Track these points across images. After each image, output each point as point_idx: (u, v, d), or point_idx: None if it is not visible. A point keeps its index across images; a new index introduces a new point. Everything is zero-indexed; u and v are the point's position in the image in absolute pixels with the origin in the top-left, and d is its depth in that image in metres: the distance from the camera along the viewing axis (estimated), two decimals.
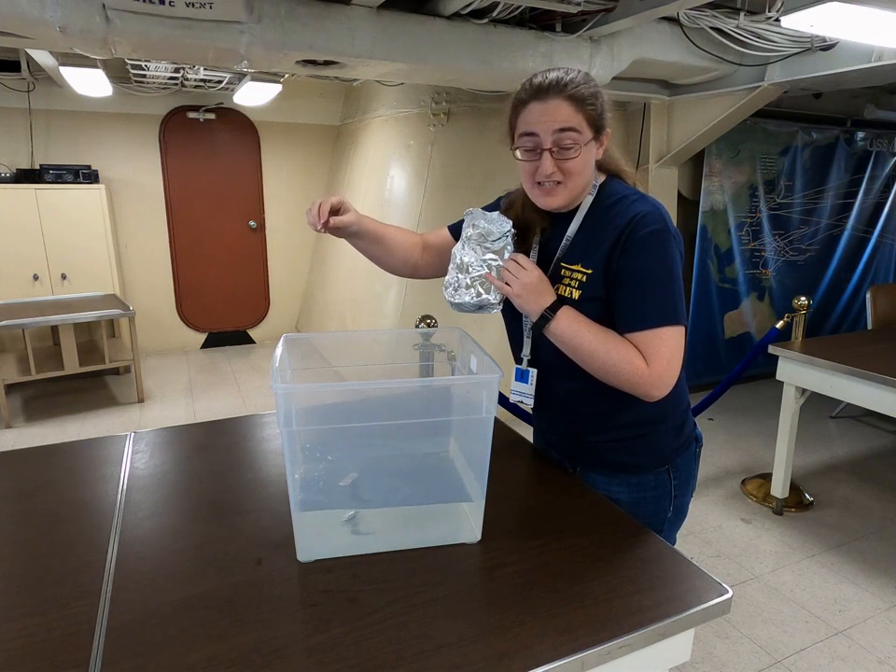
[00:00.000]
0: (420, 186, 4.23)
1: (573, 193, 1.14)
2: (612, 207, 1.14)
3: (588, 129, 1.09)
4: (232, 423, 1.57)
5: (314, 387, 0.99)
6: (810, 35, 2.74)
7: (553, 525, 1.09)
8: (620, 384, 1.09)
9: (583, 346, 1.08)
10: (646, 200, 1.13)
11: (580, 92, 1.07)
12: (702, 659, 1.99)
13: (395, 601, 0.90)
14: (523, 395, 1.26)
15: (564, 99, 1.07)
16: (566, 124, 1.07)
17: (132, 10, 2.09)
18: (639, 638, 0.84)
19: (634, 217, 1.08)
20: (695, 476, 1.31)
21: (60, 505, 1.17)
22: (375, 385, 1.04)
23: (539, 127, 1.08)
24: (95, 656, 0.80)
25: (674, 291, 1.08)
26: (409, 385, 1.12)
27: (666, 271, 1.07)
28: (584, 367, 1.11)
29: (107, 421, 3.96)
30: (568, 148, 1.08)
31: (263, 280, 5.81)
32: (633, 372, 1.06)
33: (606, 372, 1.08)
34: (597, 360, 1.08)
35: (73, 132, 4.82)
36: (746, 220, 4.42)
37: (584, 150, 1.09)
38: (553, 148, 1.08)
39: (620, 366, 1.06)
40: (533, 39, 2.74)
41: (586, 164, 1.11)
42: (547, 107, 1.07)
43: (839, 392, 2.54)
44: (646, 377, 1.06)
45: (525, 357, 1.25)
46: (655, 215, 1.08)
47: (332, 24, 2.42)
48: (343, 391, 1.01)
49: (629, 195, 1.14)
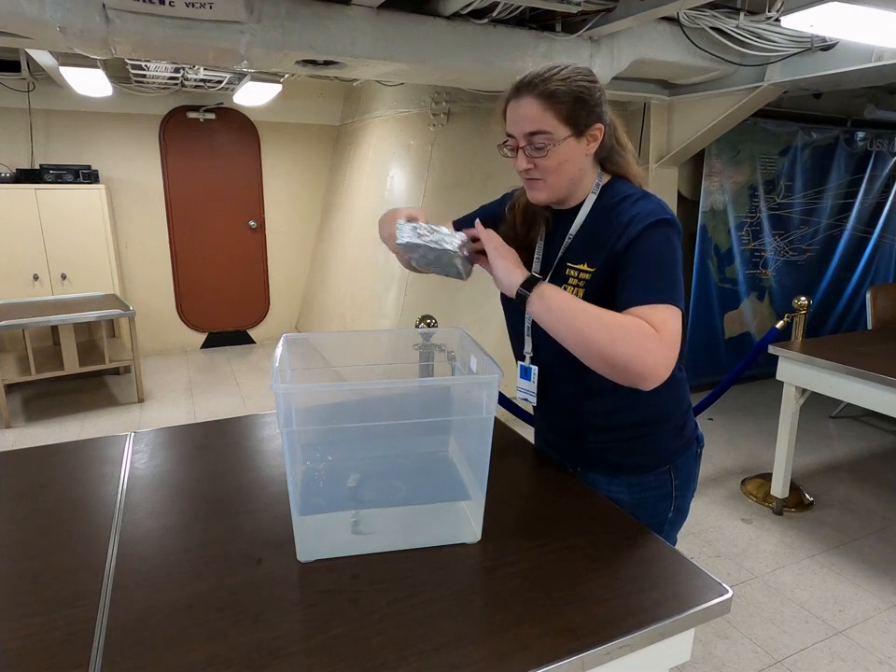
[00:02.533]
0: (420, 186, 4.23)
1: (556, 189, 1.14)
2: (616, 206, 1.12)
3: (562, 126, 1.07)
4: (232, 423, 1.57)
5: (314, 387, 0.99)
6: (810, 35, 2.74)
7: (554, 526, 1.09)
8: (627, 353, 0.96)
9: (586, 311, 1.00)
10: (650, 198, 1.12)
11: (549, 89, 1.06)
12: (702, 659, 1.99)
13: (395, 601, 0.89)
14: (527, 392, 1.25)
15: (534, 97, 1.07)
16: (533, 127, 1.07)
17: (132, 10, 2.09)
18: (639, 638, 0.84)
19: (638, 214, 1.07)
20: (696, 477, 1.31)
21: (60, 505, 1.17)
22: (375, 385, 1.04)
23: (513, 129, 1.11)
24: (95, 656, 0.80)
25: (675, 276, 1.05)
26: (409, 385, 1.12)
27: (669, 255, 1.05)
28: (583, 340, 0.99)
29: (107, 421, 3.96)
30: (539, 148, 1.09)
31: (263, 280, 5.81)
32: (644, 335, 0.96)
33: (612, 338, 0.96)
34: (601, 324, 0.98)
35: (73, 132, 4.82)
36: (746, 220, 4.42)
37: (559, 149, 1.08)
38: (525, 147, 1.10)
39: (629, 327, 0.97)
40: (533, 39, 2.74)
41: (563, 162, 1.10)
42: (518, 107, 1.09)
43: (839, 392, 2.54)
44: (657, 340, 0.96)
45: (528, 354, 1.24)
46: (658, 211, 1.08)
47: (332, 24, 2.42)
48: (342, 391, 1.01)
49: (633, 194, 1.13)
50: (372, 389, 1.04)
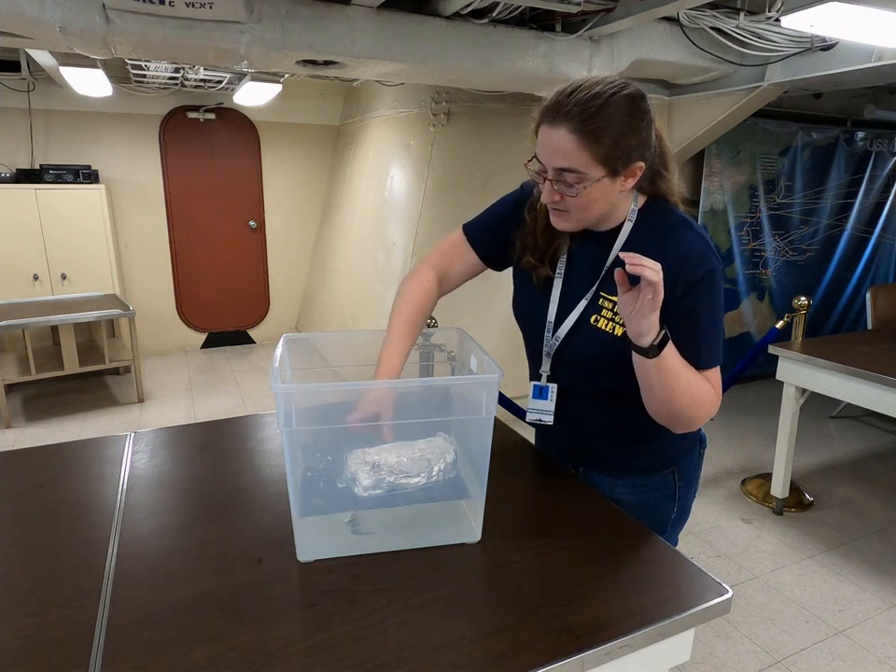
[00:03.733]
0: (420, 186, 4.23)
1: (583, 222, 1.07)
2: (660, 237, 1.06)
3: (597, 167, 0.97)
4: (232, 423, 1.57)
5: (314, 387, 0.99)
6: (810, 35, 2.74)
7: (554, 526, 1.09)
8: (695, 414, 1.05)
9: (682, 375, 1.01)
10: (694, 231, 1.07)
11: (588, 128, 0.94)
12: (702, 659, 1.99)
13: (395, 601, 0.89)
14: (542, 412, 1.21)
15: (570, 131, 0.95)
16: (565, 164, 0.97)
17: (132, 10, 2.09)
18: (639, 638, 0.84)
19: (690, 254, 1.03)
20: (699, 477, 1.31)
21: (60, 505, 1.17)
22: (375, 385, 1.04)
23: (543, 157, 1.01)
24: (95, 656, 0.79)
25: (721, 332, 1.09)
26: (409, 384, 1.12)
27: (720, 313, 1.07)
28: (667, 397, 1.02)
29: (107, 421, 3.96)
30: (570, 186, 0.99)
31: (263, 280, 5.81)
32: (712, 405, 1.06)
33: (691, 404, 1.03)
34: (691, 389, 1.02)
35: (73, 132, 4.82)
36: (746, 220, 4.43)
37: (590, 189, 0.99)
38: (554, 180, 1.01)
39: (706, 397, 1.05)
40: (533, 39, 2.74)
41: (593, 201, 1.02)
42: (551, 136, 0.97)
43: (839, 392, 2.54)
44: (716, 403, 1.08)
45: (545, 374, 1.20)
46: (709, 251, 1.05)
47: (332, 24, 2.42)
48: (342, 391, 1.01)
49: (676, 223, 1.08)
50: (372, 389, 1.04)
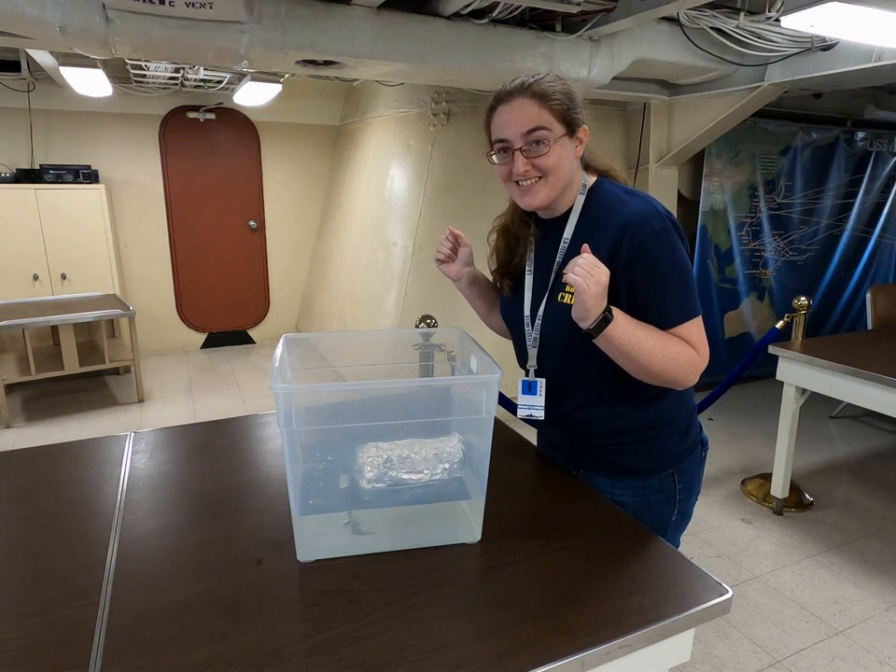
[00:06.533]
0: (420, 186, 4.23)
1: (554, 190, 1.13)
2: (606, 208, 1.13)
3: (558, 124, 1.09)
4: (232, 423, 1.57)
5: (314, 387, 0.99)
6: (810, 35, 2.74)
7: (554, 526, 1.09)
8: (674, 375, 1.08)
9: (643, 343, 1.04)
10: (638, 197, 1.13)
11: (542, 89, 1.08)
12: (702, 659, 1.99)
13: (395, 601, 0.89)
14: (532, 407, 1.22)
15: (528, 97, 1.08)
16: (532, 124, 1.08)
17: (132, 10, 2.09)
18: (639, 638, 0.84)
19: (631, 219, 1.07)
20: (700, 480, 1.31)
21: (60, 505, 1.17)
22: (375, 385, 1.04)
23: (509, 130, 1.10)
24: (95, 656, 0.80)
25: (690, 284, 1.10)
26: (409, 384, 1.12)
27: (680, 266, 1.09)
28: (637, 366, 1.07)
29: (107, 421, 3.96)
30: (540, 143, 1.09)
31: (263, 280, 5.81)
32: (690, 361, 1.08)
33: (664, 368, 1.06)
34: (656, 355, 1.05)
35: (73, 132, 4.82)
36: (746, 220, 4.42)
37: (557, 146, 1.09)
38: (523, 147, 1.10)
39: (679, 357, 1.07)
40: (533, 39, 2.74)
41: (561, 159, 1.11)
42: (513, 107, 1.09)
43: (839, 392, 2.54)
44: (700, 362, 1.09)
45: (532, 368, 1.22)
46: (651, 212, 1.08)
47: (332, 24, 2.42)
48: (343, 391, 1.01)
49: (620, 194, 1.14)
50: (372, 389, 1.04)
